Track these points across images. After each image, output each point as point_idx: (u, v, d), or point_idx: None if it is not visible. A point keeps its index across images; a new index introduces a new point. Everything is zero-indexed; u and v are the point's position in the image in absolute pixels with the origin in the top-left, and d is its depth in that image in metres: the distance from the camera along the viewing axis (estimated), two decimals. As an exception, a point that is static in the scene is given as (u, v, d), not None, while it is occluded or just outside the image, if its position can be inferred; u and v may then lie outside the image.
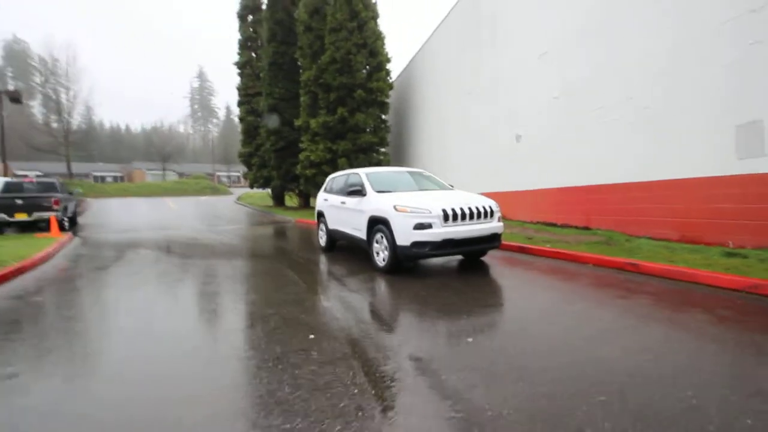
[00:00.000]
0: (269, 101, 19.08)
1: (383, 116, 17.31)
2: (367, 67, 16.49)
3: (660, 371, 2.37)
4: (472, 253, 6.04)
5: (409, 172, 7.14)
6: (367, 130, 16.84)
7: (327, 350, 2.79)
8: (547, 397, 2.10)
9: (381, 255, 5.63)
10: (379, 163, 17.19)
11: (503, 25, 10.48)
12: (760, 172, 5.05)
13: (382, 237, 5.54)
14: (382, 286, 4.81)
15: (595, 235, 7.31)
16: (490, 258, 6.29)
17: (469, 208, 5.27)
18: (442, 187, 6.76)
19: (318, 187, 17.81)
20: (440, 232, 5.05)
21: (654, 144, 6.46)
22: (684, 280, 4.39)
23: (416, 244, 5.05)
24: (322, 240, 8.03)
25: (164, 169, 48.58)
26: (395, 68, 17.88)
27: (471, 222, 5.26)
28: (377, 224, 5.67)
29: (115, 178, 52.23)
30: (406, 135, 18.20)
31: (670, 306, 3.66)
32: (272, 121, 17.62)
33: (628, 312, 3.53)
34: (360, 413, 1.98)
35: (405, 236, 5.10)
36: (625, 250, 6.04)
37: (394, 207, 5.31)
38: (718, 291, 3.98)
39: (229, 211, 20.71)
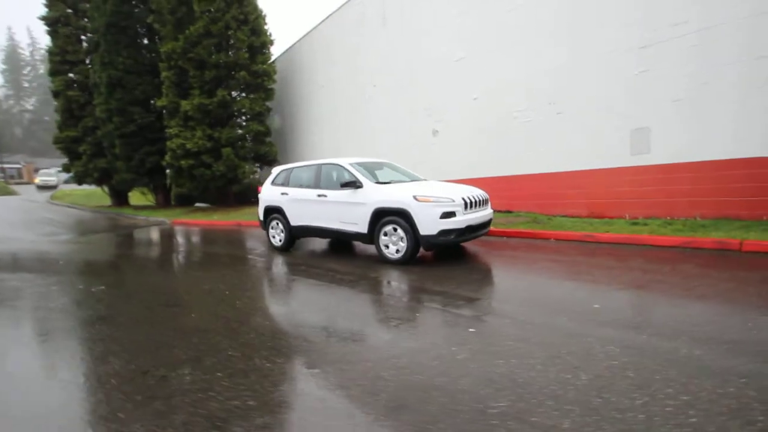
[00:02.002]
0: (110, 73, 15.14)
1: (267, 103, 16.00)
2: (245, 49, 14.85)
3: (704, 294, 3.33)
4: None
5: (382, 163, 7.08)
6: (248, 117, 15.27)
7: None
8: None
9: (392, 248, 5.53)
10: (266, 154, 15.92)
11: (415, 27, 11.15)
12: (646, 164, 7.13)
13: (395, 229, 5.45)
14: (433, 276, 4.76)
15: (520, 217, 8.77)
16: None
17: (476, 197, 5.70)
18: (414, 178, 6.98)
19: (195, 181, 15.27)
20: (463, 219, 5.32)
21: (567, 142, 8.18)
22: (633, 244, 5.89)
23: (443, 233, 5.18)
24: (277, 239, 7.22)
25: None
26: (274, 52, 16.66)
27: (479, 209, 5.71)
28: (387, 216, 5.53)
29: None
30: (290, 124, 17.28)
31: (657, 261, 4.89)
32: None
33: (637, 269, 4.59)
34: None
35: (432, 225, 5.17)
36: (553, 226, 7.52)
37: (414, 197, 5.30)
38: (663, 248, 5.51)
39: (52, 213, 15.71)
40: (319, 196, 6.40)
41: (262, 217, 7.54)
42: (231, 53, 14.61)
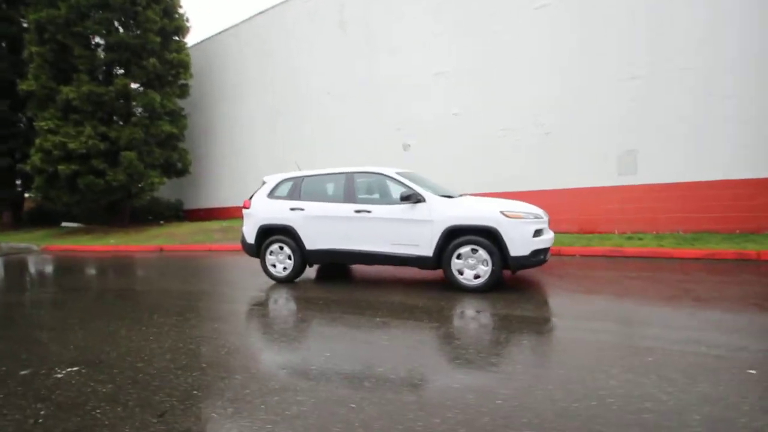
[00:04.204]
0: (-67, 37, 10.52)
1: (179, 100, 13.27)
2: (156, 31, 12.10)
3: None
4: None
5: (413, 173, 6.14)
6: (154, 114, 12.34)
7: None
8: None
9: (468, 272, 4.67)
10: (175, 163, 13.05)
11: (385, 37, 10.55)
12: (633, 184, 7.82)
13: (474, 251, 4.63)
14: (552, 305, 4.04)
15: (510, 234, 8.74)
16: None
17: (544, 213, 5.28)
18: (445, 193, 6.20)
19: (79, 193, 11.40)
20: (549, 237, 4.83)
21: (556, 161, 8.45)
22: (660, 257, 6.21)
23: (535, 253, 4.56)
24: (279, 267, 5.59)
25: None
26: (188, 41, 13.97)
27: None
28: (465, 235, 4.67)
29: None
30: (205, 127, 14.61)
31: (717, 273, 5.06)
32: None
33: (725, 282, 4.71)
34: None
35: (526, 245, 4.50)
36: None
37: (502, 213, 4.60)
38: (693, 261, 5.89)
39: None
40: (357, 212, 5.14)
41: (252, 240, 5.78)
42: (136, 33, 11.69)
